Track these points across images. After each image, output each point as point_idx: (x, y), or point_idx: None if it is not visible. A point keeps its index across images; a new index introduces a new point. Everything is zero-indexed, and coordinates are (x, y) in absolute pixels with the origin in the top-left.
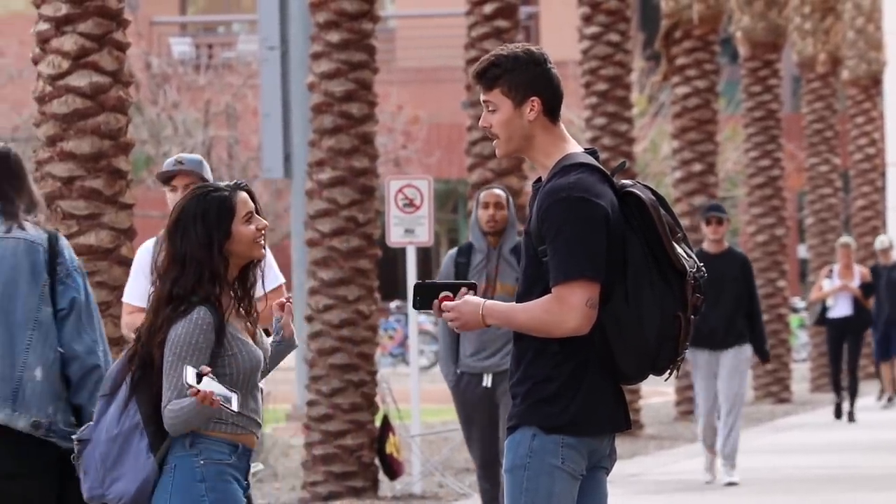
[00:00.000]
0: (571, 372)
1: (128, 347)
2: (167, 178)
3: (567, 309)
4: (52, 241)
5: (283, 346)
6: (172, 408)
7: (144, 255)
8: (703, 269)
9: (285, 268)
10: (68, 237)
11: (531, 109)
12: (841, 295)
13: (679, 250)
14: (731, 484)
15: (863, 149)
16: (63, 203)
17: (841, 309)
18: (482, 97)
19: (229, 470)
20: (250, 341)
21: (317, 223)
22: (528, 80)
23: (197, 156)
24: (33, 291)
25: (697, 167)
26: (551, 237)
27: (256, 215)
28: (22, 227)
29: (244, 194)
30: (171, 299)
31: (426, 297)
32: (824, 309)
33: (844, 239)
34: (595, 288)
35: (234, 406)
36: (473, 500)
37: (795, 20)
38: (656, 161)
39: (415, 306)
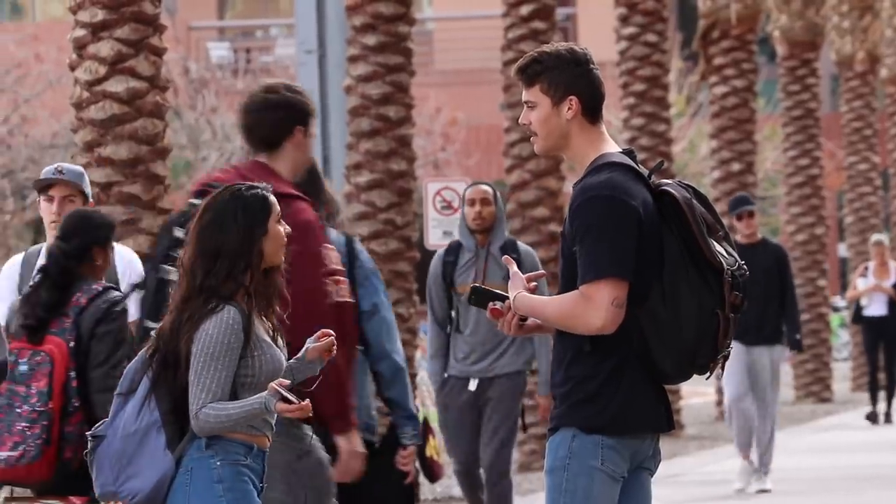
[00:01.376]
0: (611, 372)
1: (146, 346)
2: (44, 187)
3: (593, 307)
4: (350, 244)
5: (301, 366)
6: (217, 412)
7: (11, 272)
8: (745, 267)
9: None
10: None
11: (569, 108)
12: (876, 294)
13: (717, 248)
14: (762, 491)
15: None
16: (101, 209)
17: (876, 308)
18: (523, 95)
19: (245, 471)
20: (273, 344)
21: (355, 226)
22: (568, 78)
23: (78, 167)
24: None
25: (736, 167)
26: (581, 236)
27: (282, 220)
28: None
29: (274, 197)
30: (200, 292)
31: (481, 299)
32: (859, 308)
33: (878, 236)
34: (622, 287)
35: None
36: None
37: (833, 19)
38: (695, 161)
39: (470, 301)
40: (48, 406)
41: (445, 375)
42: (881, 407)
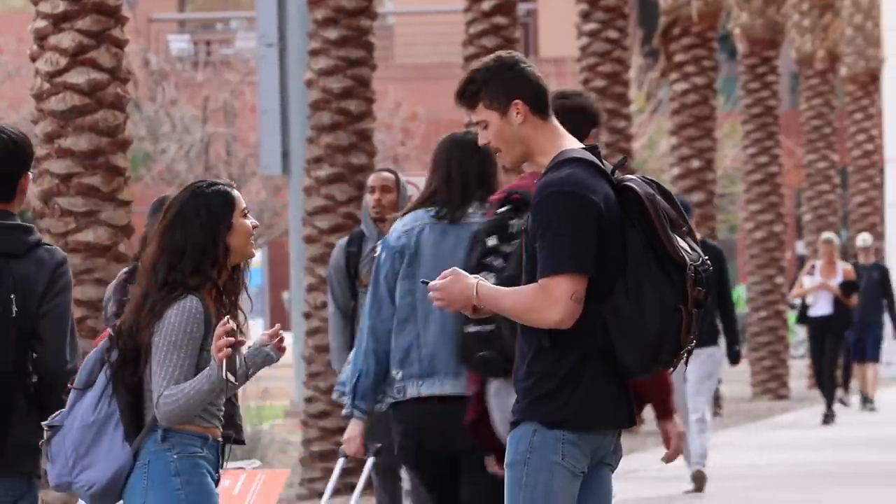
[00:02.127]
0: (573, 367)
1: (104, 340)
2: None
3: (551, 301)
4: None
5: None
6: (172, 395)
7: None
8: (709, 262)
9: (283, 264)
10: (66, 234)
11: (517, 113)
12: (821, 293)
13: (681, 243)
14: (689, 492)
15: (861, 145)
16: (61, 200)
17: (821, 307)
18: (472, 116)
19: (202, 462)
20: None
21: (315, 220)
22: (506, 85)
23: None
24: None
25: (696, 164)
26: (541, 231)
27: (249, 214)
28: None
29: (237, 192)
30: (163, 286)
31: None
32: (804, 307)
33: (827, 235)
34: (581, 282)
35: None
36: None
37: (794, 17)
38: (654, 158)
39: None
40: None
41: None
42: (837, 407)
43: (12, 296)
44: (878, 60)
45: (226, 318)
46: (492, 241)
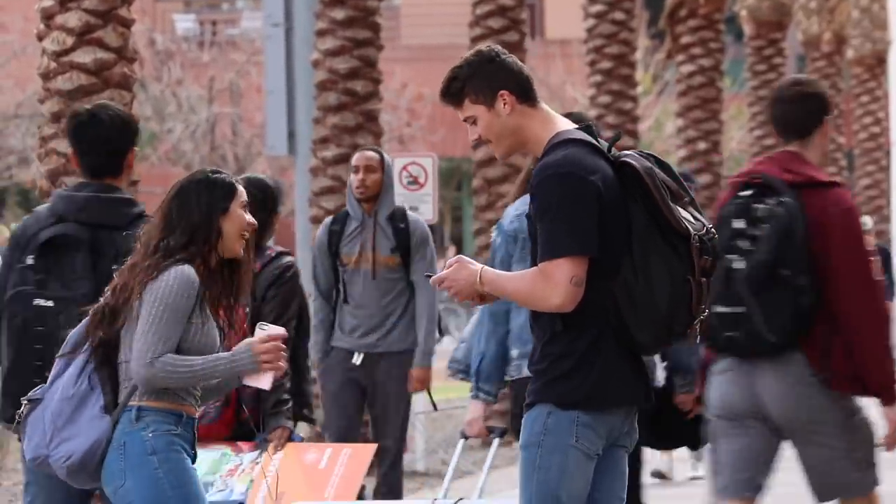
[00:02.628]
0: (587, 348)
1: (92, 310)
2: None
3: (552, 285)
4: None
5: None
6: (174, 364)
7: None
8: (714, 231)
9: (289, 245)
10: None
11: (504, 104)
12: None
13: (683, 213)
14: (695, 479)
15: (867, 128)
16: (68, 179)
17: None
18: (460, 114)
19: (177, 440)
20: (212, 320)
21: (321, 200)
22: (489, 78)
23: None
24: None
25: (702, 146)
26: (540, 214)
27: (248, 211)
28: None
29: (242, 187)
30: (155, 252)
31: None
32: None
33: None
34: (581, 265)
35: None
36: (476, 476)
37: None
38: (661, 139)
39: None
40: None
41: (330, 346)
42: None
43: (114, 267)
44: (884, 43)
45: (282, 330)
46: (738, 224)
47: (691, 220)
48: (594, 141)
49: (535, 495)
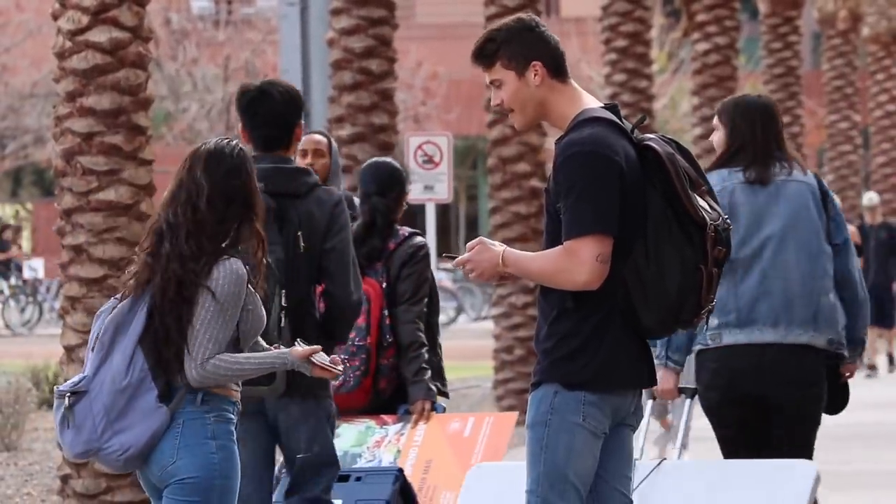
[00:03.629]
0: (594, 328)
1: (120, 295)
2: None
3: (577, 263)
4: (820, 183)
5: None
6: (226, 364)
7: None
8: (729, 221)
9: None
10: (87, 193)
11: (535, 74)
12: None
13: (701, 202)
14: None
15: (883, 105)
16: (82, 159)
17: None
18: (487, 78)
19: (233, 430)
20: (258, 299)
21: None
22: (525, 46)
23: None
24: (821, 227)
25: None
26: (564, 192)
27: None
28: (804, 171)
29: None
30: (212, 239)
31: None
32: None
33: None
34: (606, 243)
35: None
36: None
37: None
38: (676, 118)
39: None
40: (367, 341)
41: None
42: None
43: (299, 233)
44: None
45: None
46: None
47: (708, 209)
48: (619, 121)
49: (542, 474)
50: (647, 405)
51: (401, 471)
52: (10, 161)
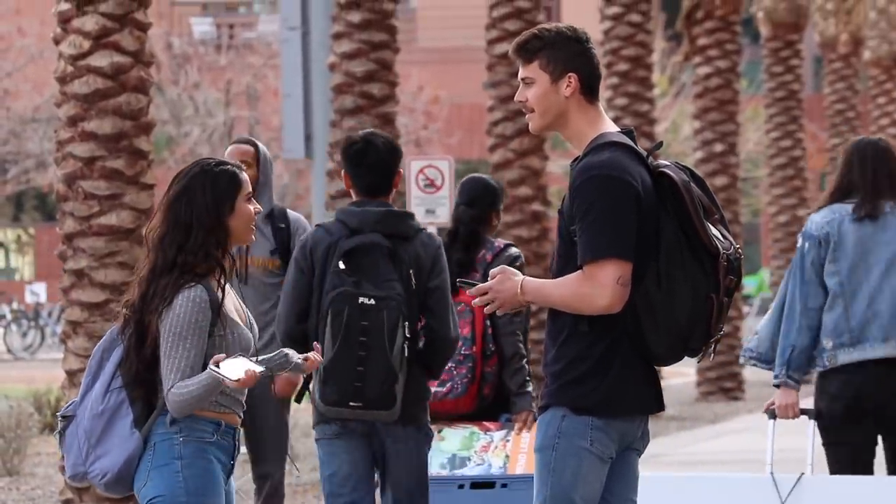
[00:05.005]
0: (603, 352)
1: (112, 328)
2: None
3: (598, 286)
4: None
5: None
6: (180, 391)
7: None
8: (741, 251)
9: None
10: (89, 217)
11: (568, 85)
12: None
13: (713, 231)
14: None
15: (884, 129)
16: (84, 183)
17: None
18: (521, 72)
19: (210, 448)
20: (241, 324)
21: (338, 204)
22: (568, 55)
23: None
24: None
25: (719, 147)
26: (581, 215)
27: (252, 199)
28: None
29: (245, 175)
30: (173, 267)
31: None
32: None
33: None
34: (626, 266)
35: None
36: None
37: (817, 0)
38: (677, 142)
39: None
40: (472, 350)
41: None
42: None
43: (411, 271)
44: None
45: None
46: None
47: (720, 238)
48: (636, 147)
49: (549, 498)
50: (770, 425)
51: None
52: (11, 185)
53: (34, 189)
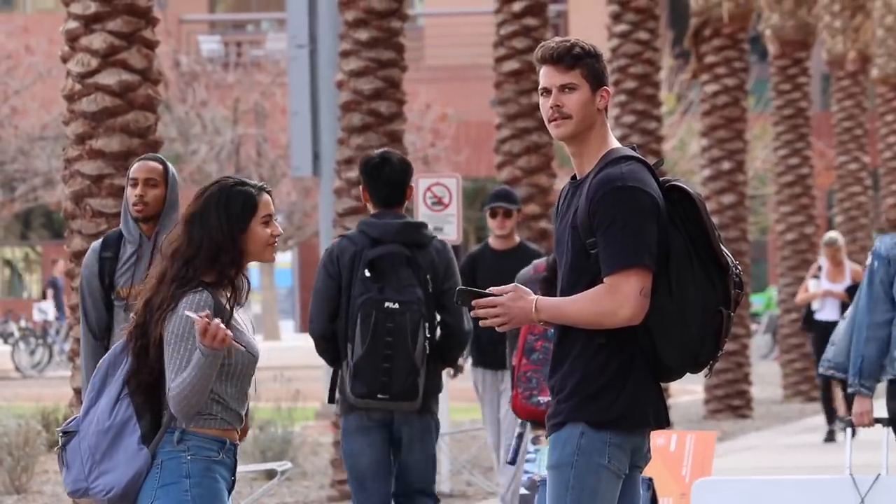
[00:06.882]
0: (619, 366)
1: (118, 344)
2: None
3: (621, 298)
4: None
5: None
6: (177, 385)
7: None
8: (739, 266)
9: (313, 266)
10: (97, 235)
11: (601, 99)
12: (828, 298)
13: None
14: None
15: (892, 147)
16: (92, 201)
17: (828, 312)
18: (556, 78)
19: (216, 467)
20: (251, 336)
21: (345, 221)
22: (601, 70)
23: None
24: None
25: (726, 165)
26: (604, 227)
27: (273, 221)
28: None
29: (267, 197)
30: (174, 280)
31: (466, 299)
32: (810, 312)
33: (830, 235)
34: (649, 277)
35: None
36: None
37: (825, 18)
38: (685, 159)
39: (456, 302)
40: None
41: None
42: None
43: (427, 276)
44: None
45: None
46: None
47: (727, 253)
48: (647, 161)
49: None
50: (847, 434)
51: (651, 479)
52: (19, 203)
53: (42, 207)
